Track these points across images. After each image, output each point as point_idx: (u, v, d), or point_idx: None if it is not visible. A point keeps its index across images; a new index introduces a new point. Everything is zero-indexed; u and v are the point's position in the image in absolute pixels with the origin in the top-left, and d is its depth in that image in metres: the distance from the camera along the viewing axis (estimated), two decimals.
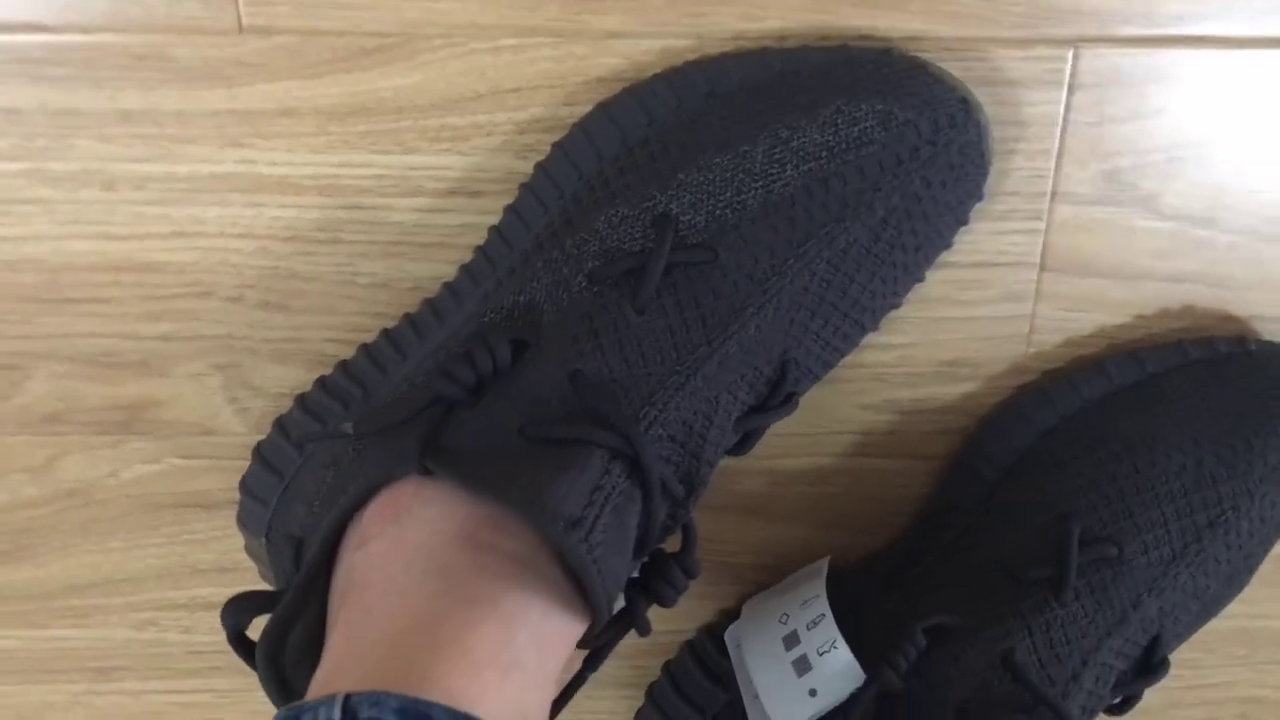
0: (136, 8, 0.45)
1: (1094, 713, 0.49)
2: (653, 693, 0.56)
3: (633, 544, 0.41)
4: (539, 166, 0.47)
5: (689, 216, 0.43)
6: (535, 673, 0.37)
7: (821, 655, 0.48)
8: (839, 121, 0.44)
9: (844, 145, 0.44)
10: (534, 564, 0.38)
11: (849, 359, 0.51)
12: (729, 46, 0.46)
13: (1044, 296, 0.52)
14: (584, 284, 0.43)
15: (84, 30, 0.45)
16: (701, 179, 0.43)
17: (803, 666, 0.49)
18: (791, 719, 0.48)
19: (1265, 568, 0.57)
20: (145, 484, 0.53)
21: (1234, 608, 0.58)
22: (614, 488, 0.39)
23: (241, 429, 0.52)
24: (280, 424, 0.47)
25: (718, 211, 0.43)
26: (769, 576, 0.56)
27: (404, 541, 0.39)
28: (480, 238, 0.47)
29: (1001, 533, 0.50)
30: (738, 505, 0.55)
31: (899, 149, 0.44)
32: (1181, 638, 0.51)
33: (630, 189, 0.44)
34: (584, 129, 0.46)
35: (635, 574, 0.44)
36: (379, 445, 0.42)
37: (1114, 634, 0.48)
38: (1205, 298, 0.52)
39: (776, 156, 0.43)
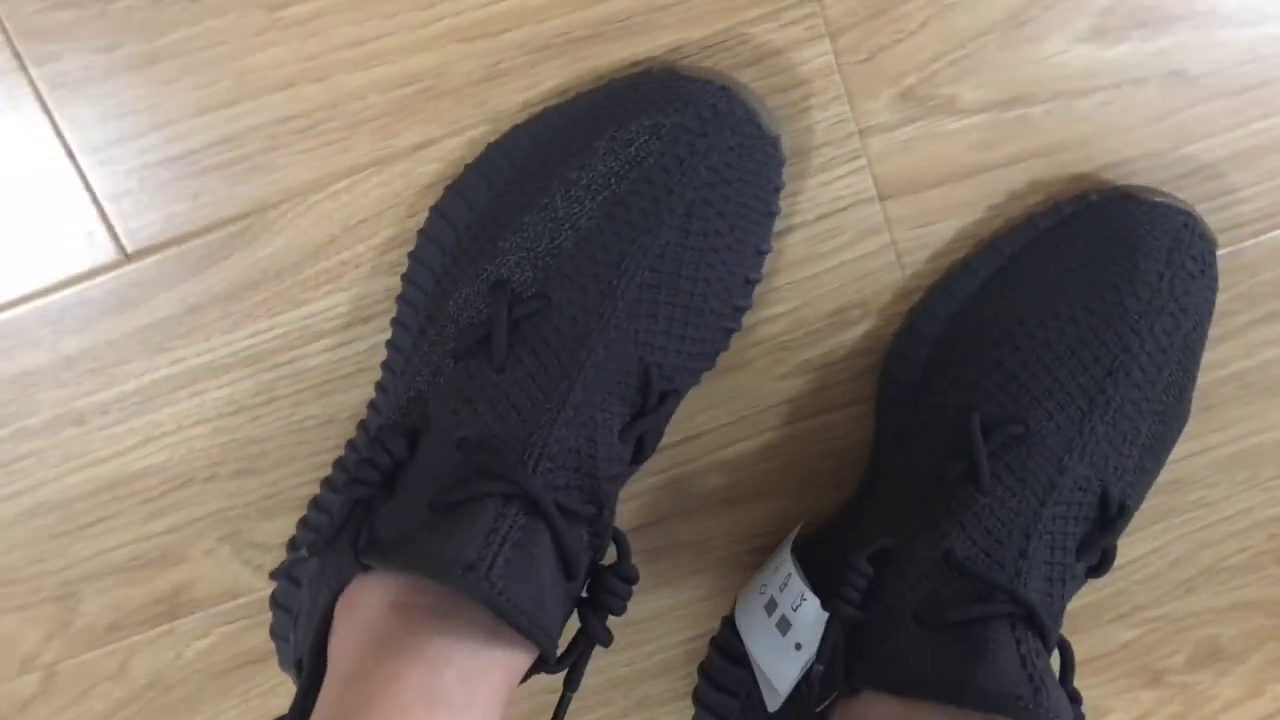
0: (38, 273, 0.53)
1: (1067, 580, 0.50)
2: (697, 695, 0.60)
3: (554, 568, 0.45)
4: (403, 277, 0.53)
5: (518, 275, 0.48)
6: (464, 703, 0.42)
7: (796, 610, 0.52)
8: (615, 148, 0.48)
9: (626, 166, 0.48)
10: (456, 612, 0.44)
11: (745, 339, 0.55)
12: (520, 116, 0.52)
13: (894, 222, 0.55)
14: (451, 364, 0.48)
15: (5, 308, 0.53)
16: (519, 240, 0.49)
17: (784, 626, 0.52)
18: (784, 677, 0.51)
19: (1229, 389, 0.58)
20: (206, 657, 0.61)
21: (1217, 436, 0.59)
22: (511, 526, 0.44)
23: (261, 584, 0.59)
24: (276, 571, 0.54)
25: (540, 262, 0.48)
26: (766, 556, 0.60)
27: (354, 626, 0.45)
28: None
29: (921, 446, 0.53)
30: (711, 503, 0.59)
31: (676, 150, 0.48)
32: (1138, 484, 0.53)
33: (467, 269, 0.49)
34: (426, 233, 0.52)
35: (586, 594, 0.49)
36: (328, 558, 0.48)
37: (1048, 503, 0.49)
38: (1045, 168, 0.54)
39: (573, 197, 0.48)
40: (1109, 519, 0.51)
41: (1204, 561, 0.61)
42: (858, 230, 0.55)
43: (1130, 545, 0.61)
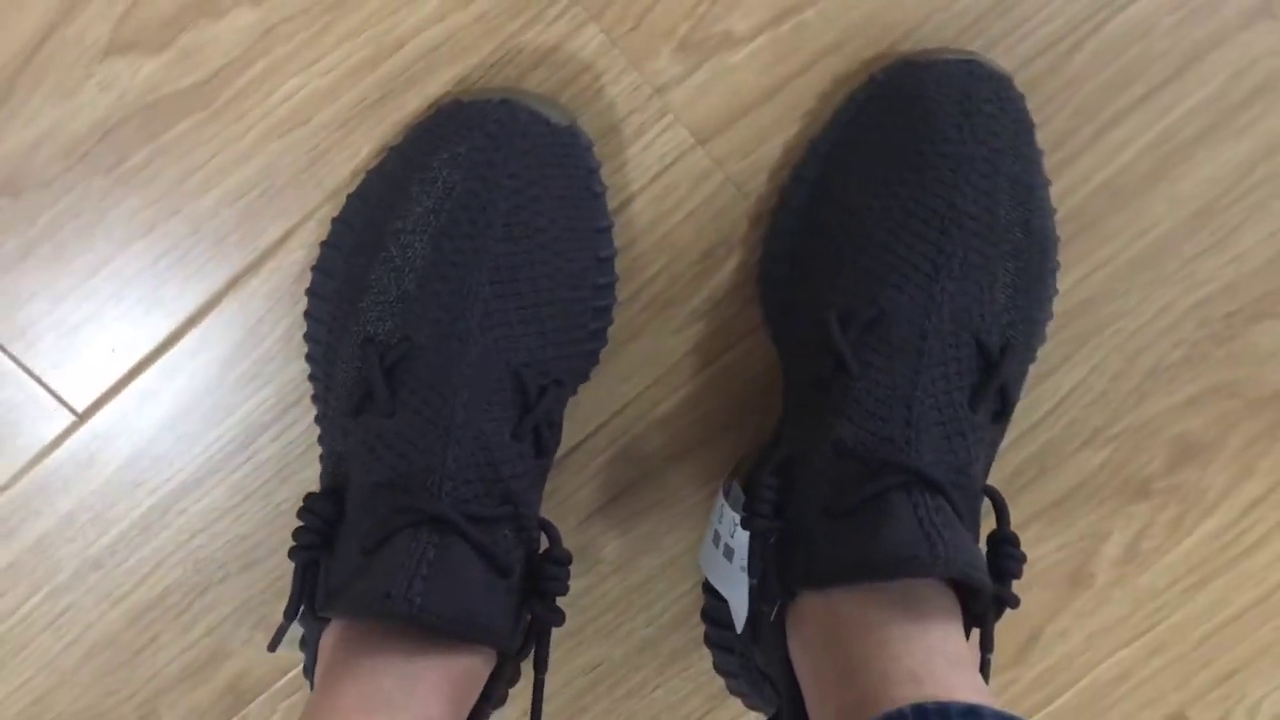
0: (14, 455, 0.60)
1: (968, 433, 0.52)
2: (707, 638, 0.63)
3: (483, 571, 0.50)
4: (305, 357, 0.58)
5: (381, 327, 0.53)
6: (403, 704, 0.47)
7: (734, 537, 0.55)
8: (426, 189, 0.53)
9: (440, 201, 0.52)
10: (390, 632, 0.49)
11: (632, 308, 0.59)
12: (352, 185, 0.56)
13: (722, 160, 0.58)
14: (351, 422, 0.53)
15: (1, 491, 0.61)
16: (373, 296, 0.53)
17: (729, 554, 0.56)
18: (739, 598, 0.55)
19: (1101, 200, 0.59)
20: None
21: (1109, 247, 0.60)
22: (426, 548, 0.49)
23: (301, 654, 0.65)
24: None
25: (395, 309, 0.53)
26: None
27: (320, 669, 0.51)
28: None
29: (800, 356, 0.56)
30: (660, 461, 0.63)
31: (476, 172, 0.52)
32: (1019, 321, 0.54)
33: (341, 335, 0.54)
34: (308, 314, 0.57)
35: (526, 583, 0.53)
36: (305, 620, 0.54)
37: (922, 371, 0.52)
38: (839, 63, 0.56)
39: (404, 243, 0.53)
40: (992, 364, 0.53)
41: (1144, 366, 0.62)
42: (692, 178, 0.58)
43: (1066, 374, 0.62)
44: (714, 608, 0.61)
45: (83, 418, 0.60)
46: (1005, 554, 0.53)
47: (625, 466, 0.63)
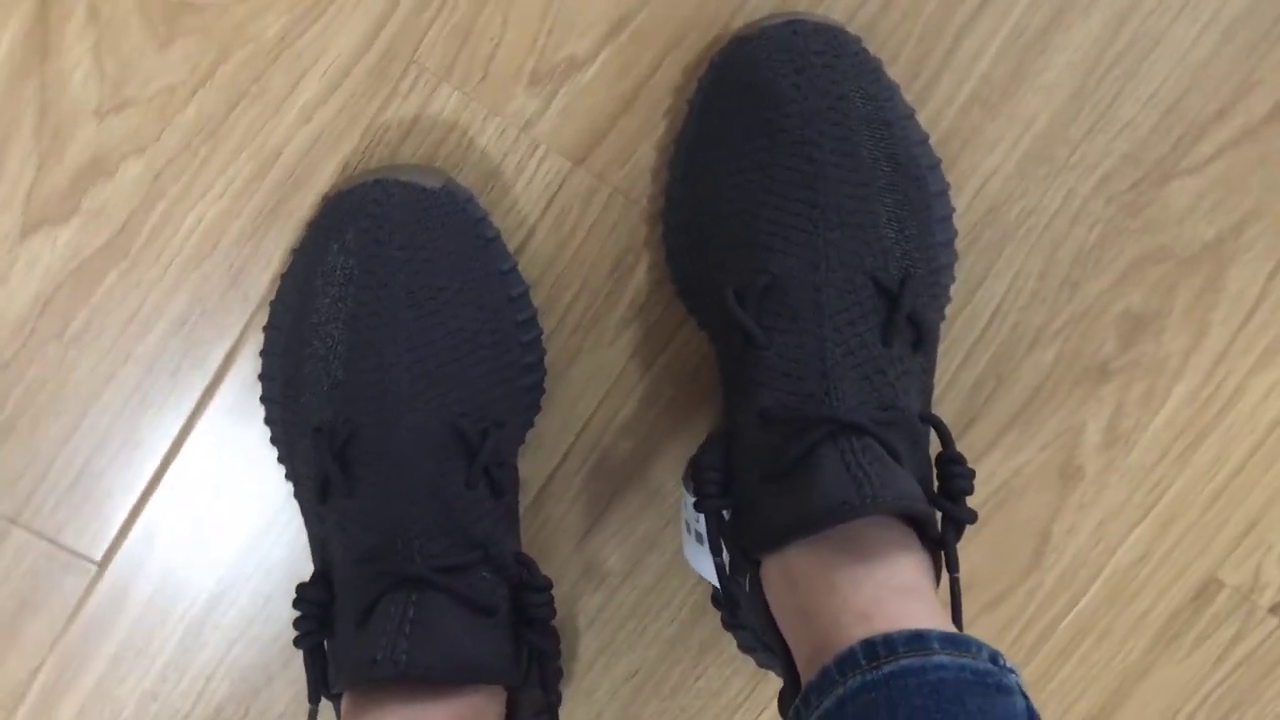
0: (54, 615, 0.65)
1: (888, 369, 0.54)
2: (723, 622, 0.65)
3: (465, 617, 0.53)
4: (278, 459, 0.62)
5: (324, 416, 0.56)
6: None
7: (698, 520, 0.58)
8: (328, 281, 0.56)
9: (342, 288, 0.56)
10: (389, 689, 0.52)
11: (563, 334, 0.62)
12: (273, 291, 0.60)
13: (602, 175, 0.60)
14: (322, 509, 0.57)
15: (54, 648, 0.66)
16: (310, 389, 0.57)
17: (700, 537, 0.58)
18: (713, 576, 0.57)
19: (974, 114, 0.61)
20: None
21: (996, 154, 0.62)
22: (406, 605, 0.52)
23: None
24: None
25: (332, 396, 0.56)
26: None
27: None
28: None
29: (718, 339, 0.58)
30: (636, 465, 0.65)
31: (367, 252, 0.56)
32: (915, 248, 0.56)
33: (294, 432, 0.58)
34: (266, 419, 0.61)
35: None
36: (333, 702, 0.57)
37: (825, 323, 0.54)
38: (684, 55, 0.59)
39: (323, 334, 0.56)
40: (894, 297, 0.55)
41: (1067, 256, 0.63)
42: (581, 199, 0.61)
43: (993, 284, 0.63)
44: (719, 592, 0.63)
45: (102, 564, 0.65)
46: (952, 474, 0.55)
47: (604, 479, 0.66)
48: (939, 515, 0.54)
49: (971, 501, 0.65)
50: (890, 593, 0.49)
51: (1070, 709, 0.71)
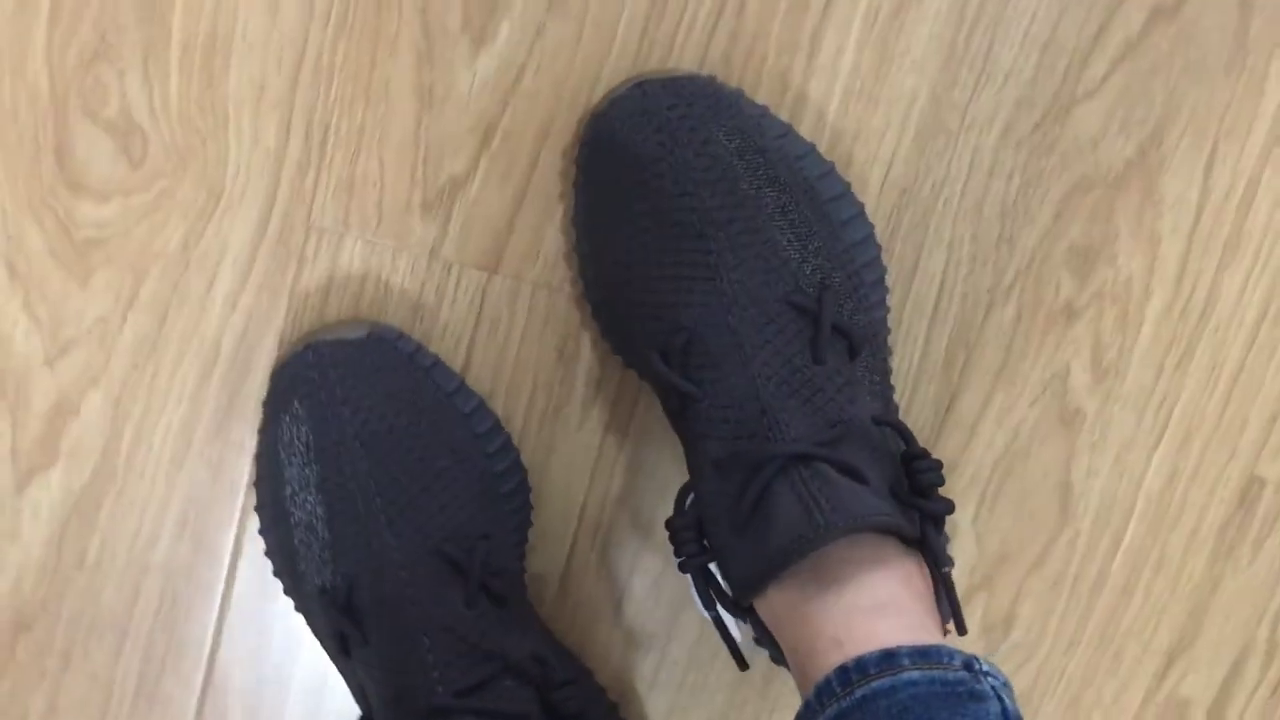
0: None
1: (824, 385, 0.54)
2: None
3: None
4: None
5: (324, 578, 0.59)
6: None
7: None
8: (290, 451, 0.59)
9: (304, 456, 0.59)
10: None
11: (533, 433, 0.64)
12: (253, 475, 0.63)
13: (519, 275, 0.62)
14: (347, 660, 0.59)
15: None
16: (304, 557, 0.60)
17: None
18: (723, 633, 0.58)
19: (855, 108, 0.61)
20: None
21: (888, 141, 0.63)
22: None
23: None
24: None
25: (324, 558, 0.59)
26: None
27: None
28: None
29: (661, 400, 0.59)
30: (647, 527, 0.66)
31: (317, 415, 0.58)
32: (828, 259, 0.56)
33: (303, 599, 0.61)
34: (285, 591, 0.64)
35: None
36: None
37: (750, 362, 0.54)
38: (558, 142, 0.60)
39: (299, 502, 0.59)
40: (815, 314, 0.55)
41: (993, 213, 0.62)
42: (506, 303, 0.62)
43: (930, 261, 0.63)
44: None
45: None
46: (918, 470, 0.55)
47: (619, 553, 0.67)
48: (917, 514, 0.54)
49: (978, 472, 0.66)
50: (861, 614, 0.49)
51: (1150, 644, 0.69)
